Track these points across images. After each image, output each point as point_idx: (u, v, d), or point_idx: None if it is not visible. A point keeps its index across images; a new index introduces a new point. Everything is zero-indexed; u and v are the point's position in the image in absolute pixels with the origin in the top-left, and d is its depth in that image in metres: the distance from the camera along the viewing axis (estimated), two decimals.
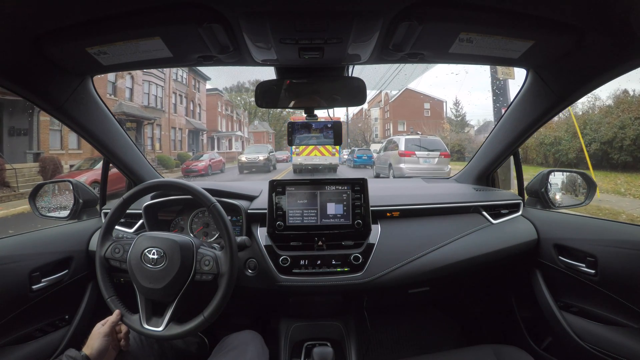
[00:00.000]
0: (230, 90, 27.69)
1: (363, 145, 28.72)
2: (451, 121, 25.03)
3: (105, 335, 0.81)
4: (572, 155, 9.34)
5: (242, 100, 31.49)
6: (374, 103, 33.24)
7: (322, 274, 1.09)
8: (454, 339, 1.62)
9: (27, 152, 9.42)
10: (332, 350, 1.14)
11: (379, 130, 33.01)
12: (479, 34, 0.77)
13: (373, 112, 34.14)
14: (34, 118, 9.58)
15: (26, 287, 0.97)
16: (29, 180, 8.35)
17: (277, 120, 35.43)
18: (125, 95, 14.09)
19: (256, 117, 33.86)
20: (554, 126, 10.23)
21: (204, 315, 0.84)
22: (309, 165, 10.20)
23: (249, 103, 31.85)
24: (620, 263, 0.94)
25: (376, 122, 33.96)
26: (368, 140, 31.56)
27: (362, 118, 35.14)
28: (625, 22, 0.67)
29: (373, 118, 34.23)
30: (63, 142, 10.73)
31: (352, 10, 0.68)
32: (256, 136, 32.91)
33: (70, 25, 0.70)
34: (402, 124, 28.30)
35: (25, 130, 9.55)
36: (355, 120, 35.96)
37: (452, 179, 1.66)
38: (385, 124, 31.31)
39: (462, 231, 1.19)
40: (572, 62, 0.87)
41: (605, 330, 0.98)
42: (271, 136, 35.73)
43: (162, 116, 16.64)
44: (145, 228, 1.19)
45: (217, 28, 0.72)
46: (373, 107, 33.96)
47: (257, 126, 34.09)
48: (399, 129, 27.68)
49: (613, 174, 7.90)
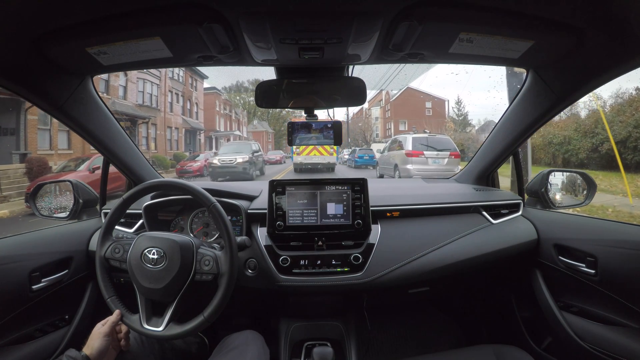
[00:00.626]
0: (229, 90, 27.54)
1: (363, 145, 28.41)
2: (454, 121, 25.00)
3: (106, 335, 0.81)
4: (583, 155, 8.99)
5: (241, 100, 31.19)
6: (375, 102, 32.99)
7: (322, 274, 1.09)
8: (454, 339, 1.62)
9: (14, 152, 8.90)
10: (332, 350, 1.14)
11: (379, 129, 32.88)
12: (479, 34, 0.77)
13: (374, 111, 33.85)
14: (22, 117, 9.06)
15: (26, 287, 0.97)
16: (13, 182, 8.07)
17: (277, 120, 35.08)
18: (119, 93, 13.77)
19: (255, 116, 33.78)
20: (562, 125, 9.90)
21: (204, 315, 0.83)
22: (309, 164, 10.61)
23: (248, 102, 31.48)
24: (620, 263, 0.94)
25: (377, 121, 33.71)
26: (369, 140, 31.31)
27: (363, 117, 34.95)
28: (625, 22, 0.67)
29: (374, 117, 33.95)
30: (52, 142, 10.28)
31: (352, 11, 0.68)
32: (255, 136, 32.43)
33: (70, 25, 0.70)
34: (404, 123, 28.12)
35: (13, 130, 9.03)
36: (356, 119, 35.93)
37: (452, 179, 1.66)
38: (386, 124, 31.15)
39: (462, 231, 1.19)
40: (572, 62, 0.87)
41: (605, 330, 0.98)
42: (270, 136, 35.35)
43: (158, 115, 16.37)
44: (145, 228, 1.19)
45: (217, 28, 0.72)
46: (374, 106, 33.62)
47: (257, 126, 33.83)
48: (400, 128, 27.75)
49: (630, 175, 7.39)
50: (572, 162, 9.26)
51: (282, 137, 35.71)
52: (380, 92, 30.22)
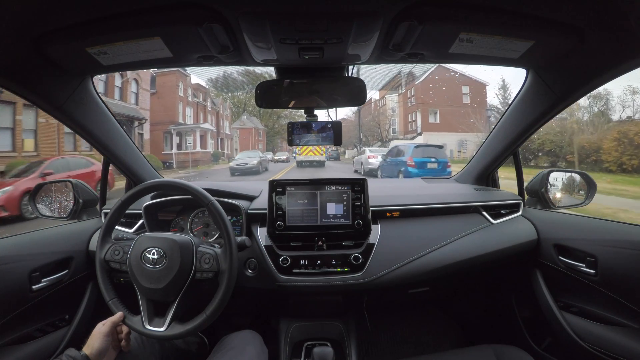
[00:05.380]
0: (221, 88, 24.67)
1: (377, 142, 22.99)
2: (499, 111, 17.23)
3: (106, 335, 0.81)
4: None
5: (228, 93, 27.63)
6: (391, 87, 23.49)
7: (322, 274, 1.09)
8: (454, 339, 1.62)
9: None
10: (332, 350, 1.14)
11: (398, 122, 23.69)
12: (479, 34, 0.77)
13: (389, 100, 24.73)
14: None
15: (26, 287, 0.97)
16: None
17: (270, 116, 29.62)
18: None
19: (245, 111, 29.01)
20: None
21: (206, 313, 0.84)
22: (307, 161, 13.84)
23: (236, 96, 28.29)
24: (620, 263, 0.94)
25: (394, 112, 24.31)
26: (384, 137, 23.69)
27: (371, 110, 25.75)
28: (625, 22, 0.67)
29: (389, 108, 24.85)
30: (16, 142, 8.65)
31: (352, 11, 0.68)
32: (243, 133, 27.12)
33: (70, 25, 0.70)
34: (434, 113, 19.92)
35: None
36: (364, 112, 25.54)
37: (452, 179, 1.66)
38: (409, 114, 22.14)
39: (462, 231, 1.19)
40: (572, 62, 0.87)
41: (605, 330, 0.98)
42: (261, 133, 29.07)
43: None
44: (145, 228, 1.19)
45: (217, 28, 0.72)
46: (389, 92, 24.23)
47: (245, 121, 27.90)
48: (430, 120, 19.94)
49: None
50: None
51: (275, 135, 31.15)
52: (399, 73, 20.35)
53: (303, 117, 1.09)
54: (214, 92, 25.04)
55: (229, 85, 26.78)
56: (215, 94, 25.28)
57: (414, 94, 21.52)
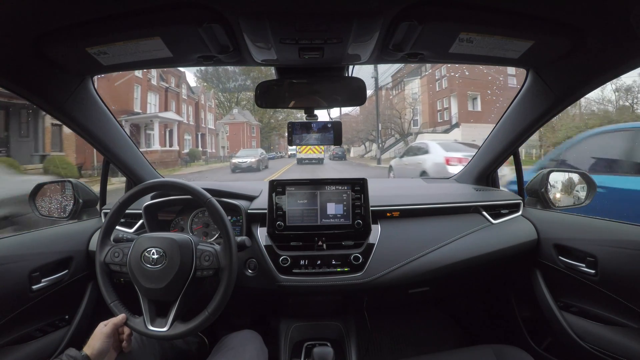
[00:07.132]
0: (210, 79, 21.17)
1: (396, 135, 18.97)
2: None
3: (108, 336, 0.80)
4: None
5: (221, 90, 24.17)
6: (412, 69, 18.41)
7: (322, 274, 1.09)
8: (454, 339, 1.62)
9: None
10: (332, 350, 1.14)
11: (421, 112, 18.81)
12: (479, 34, 0.77)
13: (409, 86, 19.46)
14: None
15: (26, 287, 0.97)
16: None
17: (265, 111, 23.23)
18: None
19: (237, 104, 25.96)
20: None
21: (208, 311, 0.84)
22: (306, 159, 14.74)
23: (227, 88, 23.90)
24: (620, 263, 0.94)
25: (416, 101, 19.19)
26: (405, 129, 18.86)
27: (383, 100, 19.58)
28: (625, 22, 0.67)
29: (410, 95, 19.63)
30: None
31: (352, 11, 0.68)
32: (233, 128, 23.79)
33: (70, 25, 0.70)
34: (473, 99, 15.59)
35: None
36: (370, 103, 19.02)
37: (452, 178, 1.66)
38: (438, 101, 17.39)
39: (462, 231, 1.19)
40: (572, 62, 0.87)
41: (605, 330, 0.98)
42: (254, 129, 25.46)
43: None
44: (145, 228, 1.19)
45: (217, 28, 0.72)
46: (409, 76, 19.00)
47: (235, 116, 24.54)
48: (469, 107, 15.49)
49: None
50: None
51: (270, 132, 28.18)
52: None
53: (302, 115, 1.09)
54: (202, 83, 21.96)
55: (219, 77, 23.32)
56: (204, 85, 21.65)
57: (444, 74, 16.37)
